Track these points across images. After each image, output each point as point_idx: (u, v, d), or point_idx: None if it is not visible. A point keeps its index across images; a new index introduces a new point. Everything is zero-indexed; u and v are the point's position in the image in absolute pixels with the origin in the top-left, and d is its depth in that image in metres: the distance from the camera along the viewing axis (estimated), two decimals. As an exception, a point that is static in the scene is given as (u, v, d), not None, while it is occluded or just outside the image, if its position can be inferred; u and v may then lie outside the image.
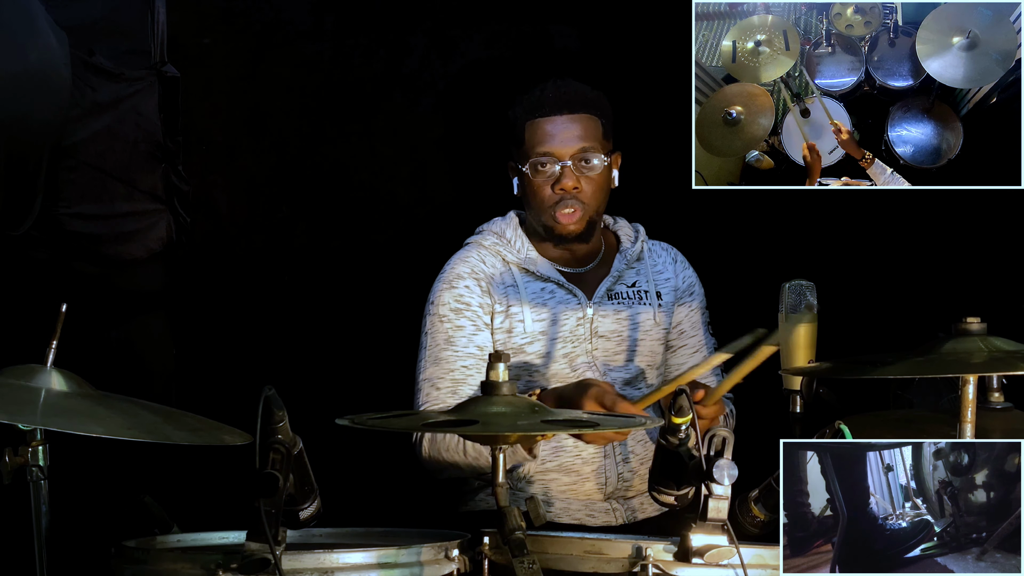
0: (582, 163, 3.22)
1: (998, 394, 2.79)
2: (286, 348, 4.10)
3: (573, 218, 3.23)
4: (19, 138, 3.70)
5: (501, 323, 3.24)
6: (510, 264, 3.28)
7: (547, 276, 3.26)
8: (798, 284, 2.89)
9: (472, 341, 3.20)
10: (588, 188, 3.23)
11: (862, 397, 3.03)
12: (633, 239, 3.36)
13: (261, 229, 4.18)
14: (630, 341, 3.26)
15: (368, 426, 2.48)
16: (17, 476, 2.47)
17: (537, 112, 3.23)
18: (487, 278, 3.25)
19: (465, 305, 3.23)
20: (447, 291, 3.24)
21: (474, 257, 3.28)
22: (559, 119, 3.22)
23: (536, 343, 3.23)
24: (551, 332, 3.24)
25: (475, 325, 3.22)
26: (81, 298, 3.41)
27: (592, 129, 3.24)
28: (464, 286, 3.24)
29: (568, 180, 3.21)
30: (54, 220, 3.87)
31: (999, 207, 3.47)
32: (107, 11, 4.00)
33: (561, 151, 3.21)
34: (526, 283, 3.26)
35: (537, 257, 3.29)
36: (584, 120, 3.23)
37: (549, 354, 3.23)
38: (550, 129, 3.22)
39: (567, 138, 3.22)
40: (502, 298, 3.24)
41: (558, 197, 3.22)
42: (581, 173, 3.22)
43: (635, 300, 3.29)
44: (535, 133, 3.23)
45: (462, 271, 3.26)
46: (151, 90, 3.97)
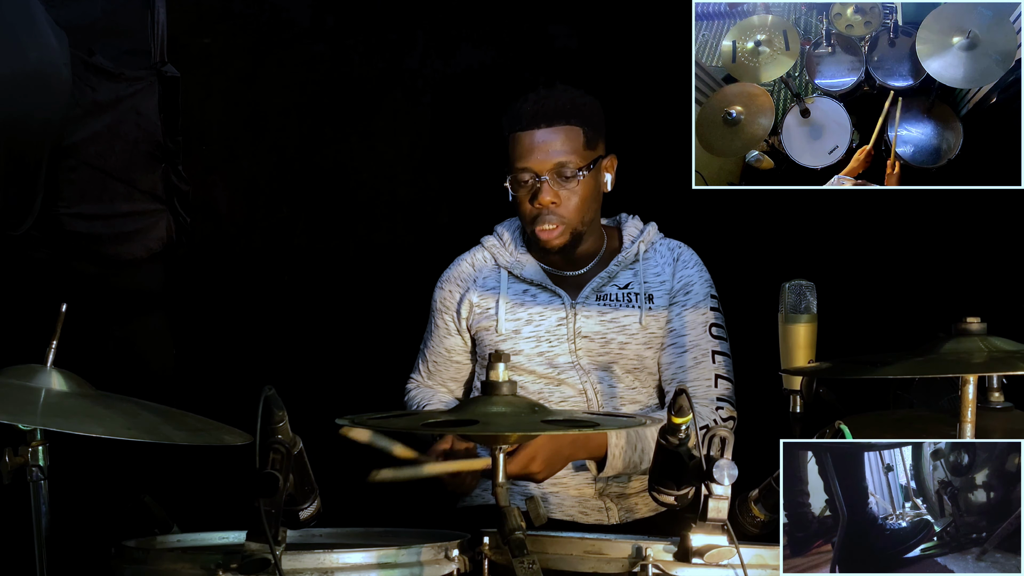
0: (560, 177, 3.21)
1: (998, 394, 2.79)
2: (286, 348, 4.10)
3: (553, 234, 3.23)
4: (19, 138, 3.70)
5: (480, 322, 3.30)
6: (500, 267, 3.34)
7: (531, 279, 3.30)
8: (798, 284, 2.89)
9: (442, 343, 3.37)
10: (568, 202, 3.22)
11: (862, 397, 3.03)
12: (633, 239, 3.35)
13: (261, 229, 4.18)
14: (614, 344, 3.26)
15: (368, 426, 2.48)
16: (17, 476, 2.47)
17: (517, 125, 3.22)
18: (472, 281, 3.34)
19: (445, 308, 3.36)
20: (438, 290, 3.38)
21: (467, 260, 3.38)
22: (538, 132, 3.20)
23: (509, 341, 3.26)
24: (524, 332, 3.26)
25: (447, 329, 3.36)
26: (81, 298, 3.41)
27: (572, 141, 3.22)
28: (448, 290, 3.36)
29: (546, 195, 3.20)
30: (54, 220, 3.88)
31: (999, 207, 3.47)
32: (107, 11, 4.01)
33: (539, 165, 3.20)
34: (509, 284, 3.32)
35: (527, 260, 3.33)
36: (563, 132, 3.21)
37: (523, 352, 3.25)
38: (528, 143, 3.21)
39: (545, 152, 3.20)
40: (482, 300, 3.31)
41: (537, 212, 3.22)
42: (560, 187, 3.21)
43: (623, 302, 3.28)
44: (516, 147, 3.23)
45: (451, 274, 3.37)
46: (151, 90, 3.97)
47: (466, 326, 3.34)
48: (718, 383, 3.24)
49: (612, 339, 3.26)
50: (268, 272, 4.15)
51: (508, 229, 3.38)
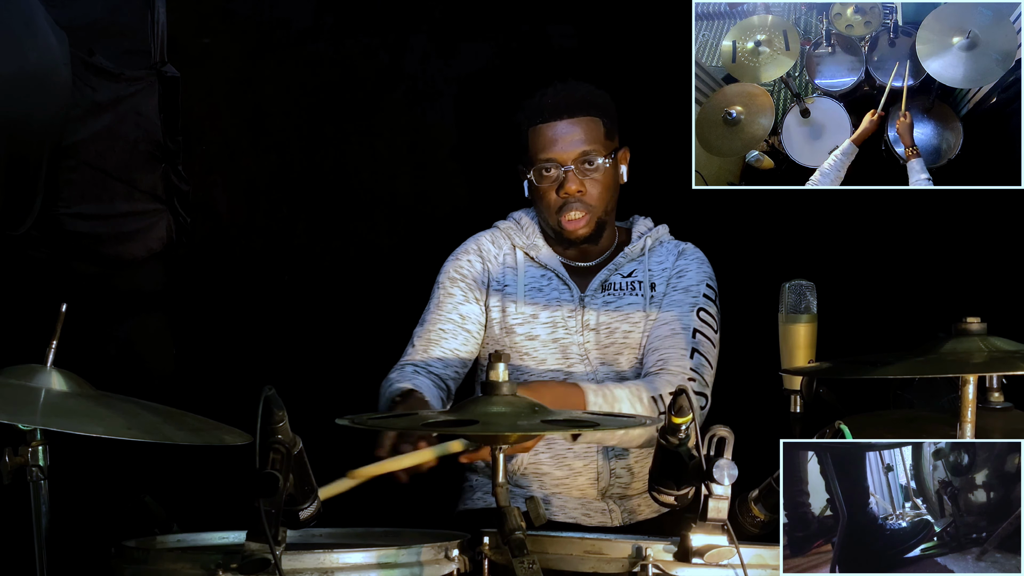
0: (585, 166, 3.27)
1: (998, 394, 2.79)
2: (286, 348, 4.10)
3: (580, 223, 3.28)
4: (19, 138, 3.70)
5: (497, 301, 3.32)
6: (517, 248, 3.37)
7: (547, 264, 3.34)
8: (798, 284, 2.89)
9: (457, 309, 3.33)
10: (593, 190, 3.28)
11: (862, 397, 3.03)
12: (642, 235, 3.38)
13: (261, 229, 4.18)
14: (619, 333, 3.27)
15: (368, 426, 2.49)
16: (17, 476, 2.47)
17: (538, 118, 3.29)
18: (492, 256, 3.36)
19: (461, 276, 3.35)
20: (451, 262, 3.39)
21: (487, 238, 3.41)
22: (560, 124, 3.27)
23: (526, 325, 3.28)
24: (542, 317, 3.27)
25: (465, 295, 3.34)
26: (81, 298, 3.41)
27: (594, 131, 3.28)
28: (467, 260, 3.38)
29: (572, 184, 3.26)
30: (54, 220, 3.88)
31: (999, 207, 3.47)
32: (107, 11, 4.01)
33: (563, 156, 3.26)
34: (527, 267, 3.34)
35: (543, 245, 3.36)
36: (585, 123, 3.28)
37: (539, 337, 3.27)
38: (552, 134, 3.27)
39: (569, 142, 3.26)
40: (500, 277, 3.33)
41: (563, 201, 3.28)
42: (585, 176, 3.27)
43: (627, 291, 3.30)
44: (538, 139, 3.28)
45: (470, 247, 3.40)
46: (151, 90, 3.97)
47: (485, 296, 3.33)
48: (694, 355, 3.21)
49: (616, 328, 3.28)
50: (268, 272, 4.15)
51: (526, 214, 3.41)
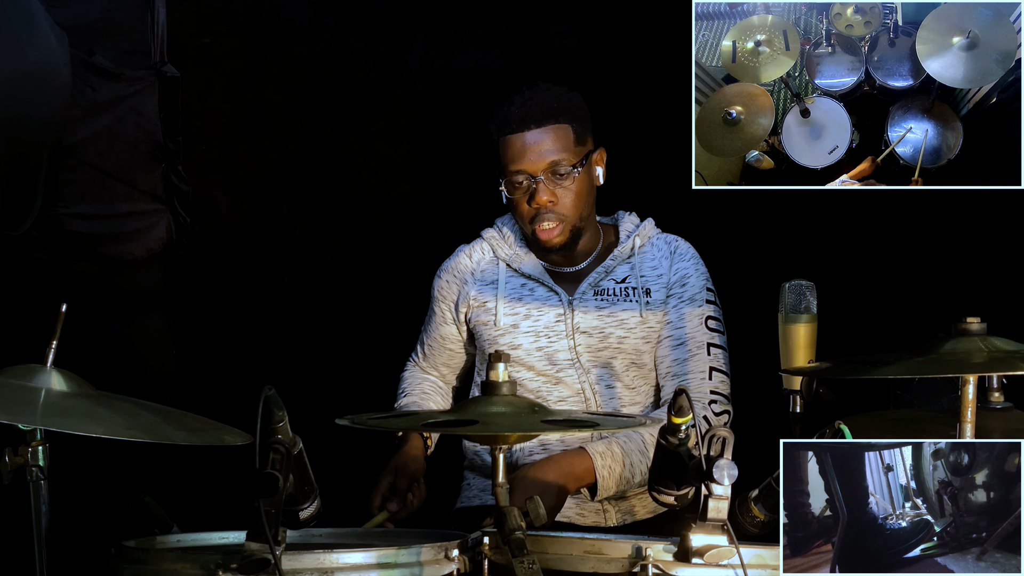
0: (555, 176, 3.22)
1: (998, 394, 2.79)
2: (286, 348, 4.10)
3: (554, 232, 3.25)
4: (19, 138, 3.70)
5: (479, 316, 3.31)
6: (499, 260, 3.35)
7: (529, 274, 3.31)
8: (798, 284, 2.89)
9: (438, 330, 3.42)
10: (565, 199, 3.23)
11: (862, 397, 3.03)
12: (629, 234, 3.36)
13: (261, 229, 4.18)
14: (613, 338, 3.26)
15: (368, 426, 2.48)
16: (17, 476, 2.47)
17: (507, 128, 3.23)
18: (469, 273, 3.36)
19: (441, 297, 3.39)
20: (437, 279, 3.42)
21: (465, 252, 3.41)
22: (528, 134, 3.21)
23: (507, 335, 3.26)
24: (523, 327, 3.26)
25: (442, 317, 3.39)
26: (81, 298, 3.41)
27: (562, 139, 3.23)
28: (446, 280, 3.39)
29: (543, 195, 3.22)
30: (54, 220, 3.88)
31: (999, 207, 3.47)
32: (107, 11, 4.01)
33: (533, 167, 3.21)
34: (508, 278, 3.33)
35: (525, 254, 3.34)
36: (554, 131, 3.22)
37: (522, 347, 3.26)
38: (520, 145, 3.22)
39: (537, 153, 3.21)
40: (480, 294, 3.33)
41: (535, 211, 3.24)
42: (556, 186, 3.22)
43: (621, 297, 3.29)
44: (507, 150, 3.23)
45: (450, 265, 3.40)
46: (151, 90, 3.98)
47: (463, 319, 3.35)
48: (712, 375, 3.23)
49: (611, 333, 3.26)
50: (268, 272, 4.15)
51: (508, 223, 3.38)
